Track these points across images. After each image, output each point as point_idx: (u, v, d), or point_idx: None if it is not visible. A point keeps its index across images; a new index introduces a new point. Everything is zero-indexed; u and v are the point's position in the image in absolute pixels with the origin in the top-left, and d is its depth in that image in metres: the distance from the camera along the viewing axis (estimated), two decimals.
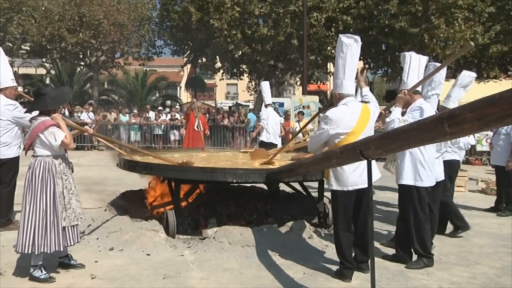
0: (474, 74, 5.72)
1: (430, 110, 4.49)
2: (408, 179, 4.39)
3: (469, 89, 5.68)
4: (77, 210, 3.96)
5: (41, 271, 3.83)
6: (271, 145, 9.47)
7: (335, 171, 4.01)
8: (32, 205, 3.76)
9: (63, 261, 4.14)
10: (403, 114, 4.59)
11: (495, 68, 20.62)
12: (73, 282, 3.86)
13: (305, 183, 6.06)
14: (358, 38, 4.04)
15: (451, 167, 5.52)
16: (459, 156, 5.83)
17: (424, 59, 4.66)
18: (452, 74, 22.90)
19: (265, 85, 9.91)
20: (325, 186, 4.31)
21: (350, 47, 3.98)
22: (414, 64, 4.50)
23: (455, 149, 5.66)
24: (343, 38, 4.02)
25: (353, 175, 3.97)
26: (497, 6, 18.90)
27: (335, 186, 4.05)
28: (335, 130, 3.95)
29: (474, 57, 20.40)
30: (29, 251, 3.75)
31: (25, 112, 4.14)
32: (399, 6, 18.77)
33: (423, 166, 4.37)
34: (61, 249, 3.86)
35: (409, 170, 4.38)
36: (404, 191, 4.46)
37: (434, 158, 4.55)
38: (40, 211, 3.76)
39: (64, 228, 3.84)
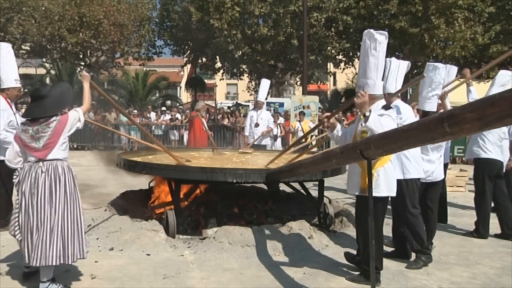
0: (510, 73, 5.62)
1: (407, 108, 4.50)
2: (397, 174, 4.34)
3: (507, 87, 5.52)
4: None
5: (56, 285, 3.63)
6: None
7: (386, 176, 3.82)
8: (61, 213, 3.48)
9: (25, 271, 3.85)
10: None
11: (495, 68, 20.62)
12: (73, 282, 3.85)
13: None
14: (387, 34, 3.79)
15: (492, 166, 5.56)
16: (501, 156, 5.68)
17: (404, 64, 4.58)
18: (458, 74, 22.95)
19: (266, 83, 9.86)
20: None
21: (383, 45, 3.74)
22: (394, 69, 4.46)
23: (496, 147, 5.58)
24: (376, 35, 3.72)
25: (394, 181, 3.95)
26: (497, 6, 18.90)
27: (386, 192, 3.85)
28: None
29: (474, 57, 20.41)
30: (60, 262, 3.49)
31: (23, 116, 3.76)
32: (399, 6, 18.79)
33: (408, 158, 4.36)
34: (85, 257, 3.64)
35: (396, 166, 4.33)
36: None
37: (419, 152, 4.53)
38: (69, 219, 3.51)
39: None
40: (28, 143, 3.53)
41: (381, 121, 3.56)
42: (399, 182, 4.34)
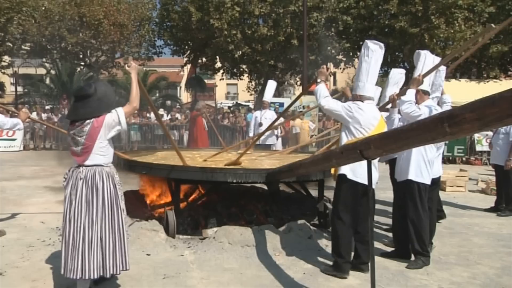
0: (403, 71, 5.80)
1: (438, 110, 4.64)
2: (412, 175, 4.47)
3: (401, 85, 5.74)
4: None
5: None
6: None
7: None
8: (99, 224, 3.27)
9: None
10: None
11: (495, 68, 20.62)
12: (73, 282, 3.85)
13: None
14: (382, 45, 4.22)
15: None
16: None
17: (437, 59, 4.81)
18: (452, 74, 22.93)
19: (272, 84, 9.71)
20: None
21: (375, 53, 4.16)
22: (428, 63, 4.61)
23: None
24: (370, 43, 4.19)
25: (360, 168, 4.01)
26: (497, 6, 18.90)
27: (350, 174, 4.08)
28: (355, 122, 4.05)
29: (474, 57, 20.39)
30: (99, 275, 3.31)
31: (67, 118, 3.46)
32: (399, 6, 18.78)
33: (425, 163, 4.50)
34: (127, 268, 3.40)
35: (413, 167, 4.47)
36: (407, 187, 4.50)
37: (434, 158, 4.66)
38: (109, 230, 3.30)
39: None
40: (71, 146, 3.36)
41: (323, 91, 4.23)
42: (410, 183, 4.47)
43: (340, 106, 4.15)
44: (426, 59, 4.61)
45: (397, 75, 5.65)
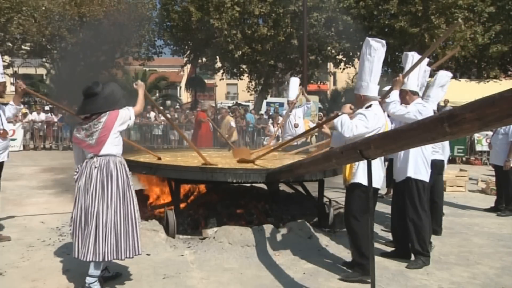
0: (450, 74, 5.78)
1: (430, 108, 4.64)
2: (411, 172, 4.46)
3: (446, 89, 5.74)
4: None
5: (100, 286, 3.58)
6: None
7: (365, 167, 3.80)
8: (113, 208, 3.47)
9: (103, 275, 3.78)
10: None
11: (495, 68, 20.63)
12: (73, 282, 3.86)
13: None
14: (384, 42, 4.09)
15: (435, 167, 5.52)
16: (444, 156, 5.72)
17: (425, 61, 4.78)
18: (452, 74, 22.89)
19: (294, 81, 9.43)
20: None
21: (378, 51, 4.05)
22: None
23: (437, 149, 5.59)
24: (372, 42, 4.05)
25: (376, 173, 3.93)
26: (497, 6, 18.91)
27: (364, 181, 3.86)
28: (373, 128, 3.92)
29: (474, 57, 20.40)
30: (113, 258, 3.49)
31: (76, 114, 3.73)
32: (399, 6, 18.80)
33: (423, 160, 4.50)
34: (139, 253, 3.61)
35: (411, 165, 4.47)
36: (406, 186, 4.50)
37: (430, 156, 4.67)
38: (122, 215, 3.50)
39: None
40: (84, 140, 3.59)
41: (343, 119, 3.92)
42: (408, 180, 4.46)
43: (364, 128, 3.87)
44: (414, 61, 4.58)
45: (445, 77, 5.65)
